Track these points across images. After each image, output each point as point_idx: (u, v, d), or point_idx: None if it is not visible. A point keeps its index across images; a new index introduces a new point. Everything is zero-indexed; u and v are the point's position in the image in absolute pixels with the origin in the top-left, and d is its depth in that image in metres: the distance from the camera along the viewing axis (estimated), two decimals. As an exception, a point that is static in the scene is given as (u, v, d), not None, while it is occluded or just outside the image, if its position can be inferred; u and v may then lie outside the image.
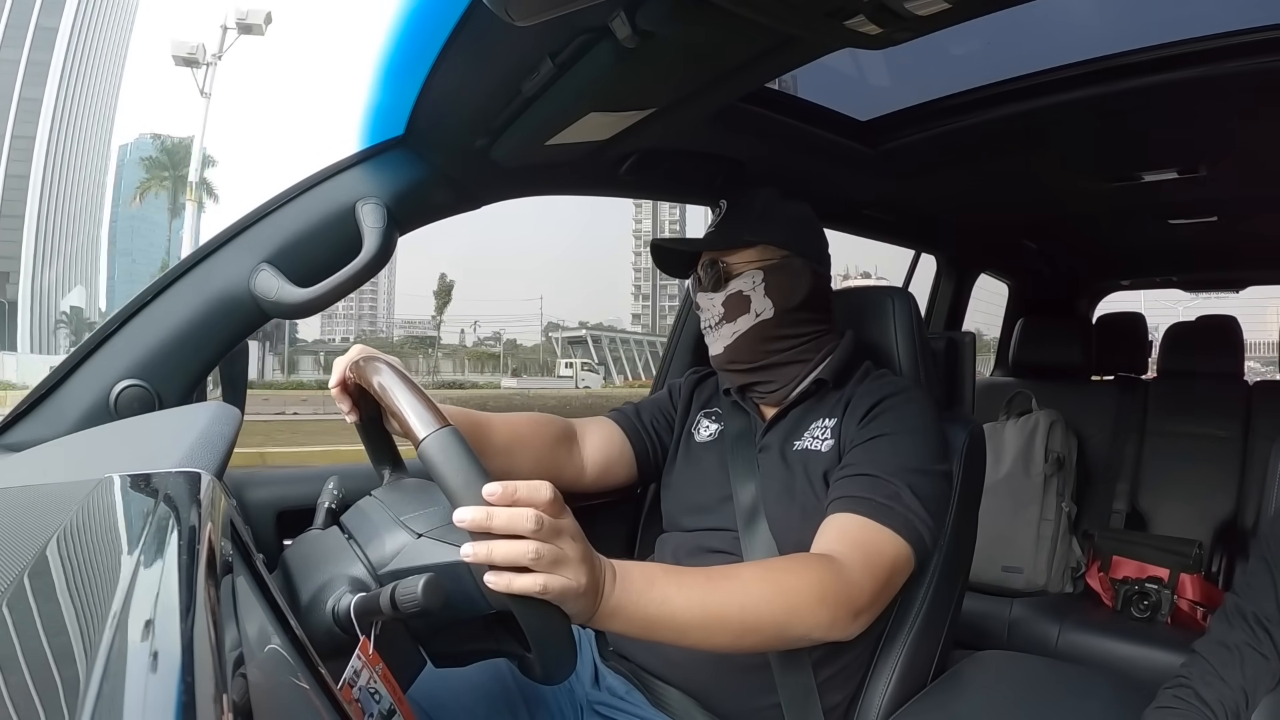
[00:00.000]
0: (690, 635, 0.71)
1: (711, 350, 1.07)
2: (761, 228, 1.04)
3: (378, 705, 0.60)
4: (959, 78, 1.23)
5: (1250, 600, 0.85)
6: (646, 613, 0.68)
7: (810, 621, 0.76)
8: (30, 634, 0.31)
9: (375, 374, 0.69)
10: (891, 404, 0.97)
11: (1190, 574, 1.82)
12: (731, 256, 1.03)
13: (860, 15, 0.66)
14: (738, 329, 1.03)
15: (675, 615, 0.69)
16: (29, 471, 0.73)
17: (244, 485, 1.05)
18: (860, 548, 0.83)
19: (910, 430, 0.94)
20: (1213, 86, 1.07)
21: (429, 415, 0.62)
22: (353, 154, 0.97)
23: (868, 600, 0.81)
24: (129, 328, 0.88)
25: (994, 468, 2.05)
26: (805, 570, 0.79)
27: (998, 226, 2.03)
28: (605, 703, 0.97)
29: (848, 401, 1.00)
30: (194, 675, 0.28)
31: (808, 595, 0.76)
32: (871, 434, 0.94)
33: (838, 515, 0.87)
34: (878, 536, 0.85)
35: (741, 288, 1.02)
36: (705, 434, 1.12)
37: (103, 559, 0.43)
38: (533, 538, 0.58)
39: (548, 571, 0.59)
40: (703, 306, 1.06)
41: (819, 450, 0.98)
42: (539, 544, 0.58)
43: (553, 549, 0.59)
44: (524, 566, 0.58)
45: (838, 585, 0.78)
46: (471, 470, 0.59)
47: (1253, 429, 2.09)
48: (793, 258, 1.04)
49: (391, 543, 0.67)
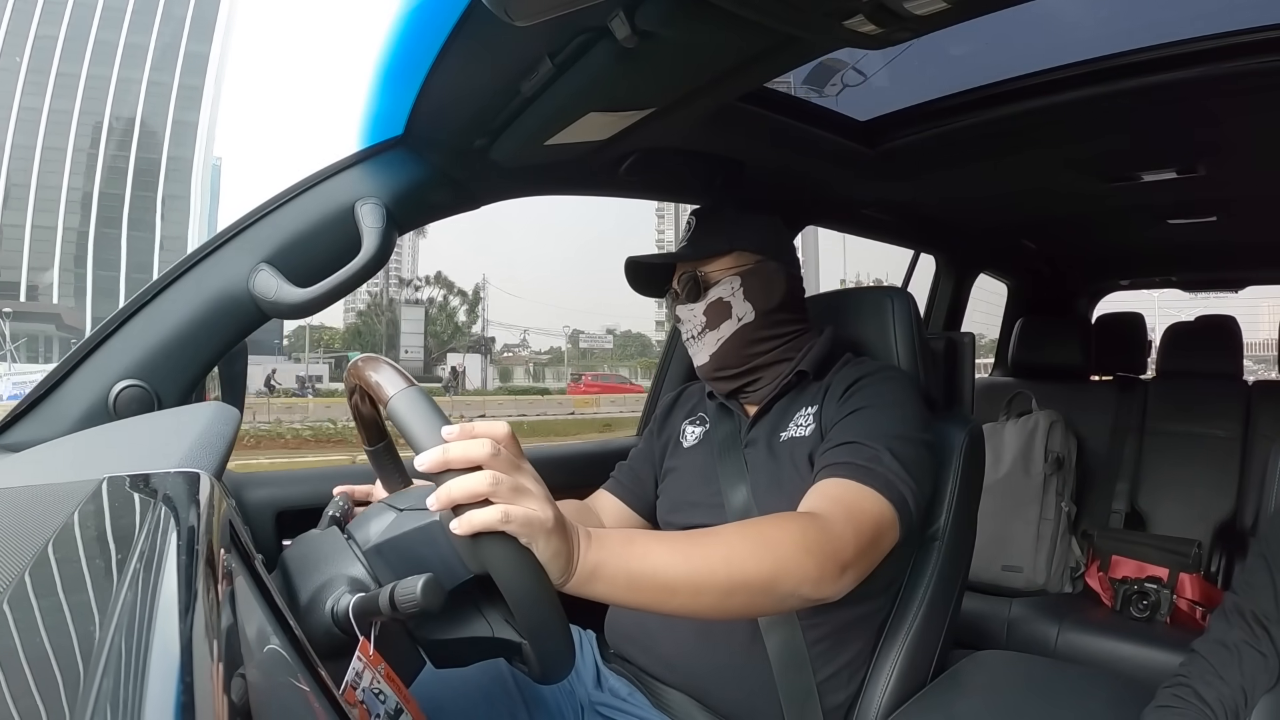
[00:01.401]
0: (677, 595, 0.67)
1: (697, 361, 1.08)
2: (734, 233, 1.06)
3: (383, 705, 0.60)
4: (958, 78, 1.23)
5: (1249, 599, 0.85)
6: (630, 568, 0.65)
7: (798, 575, 0.73)
8: (30, 634, 0.31)
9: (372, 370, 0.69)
10: (869, 381, 0.98)
11: (1189, 573, 1.82)
12: (708, 266, 1.06)
13: (859, 15, 0.67)
14: (721, 335, 1.04)
15: (658, 571, 0.66)
16: (28, 471, 0.72)
17: (243, 485, 1.05)
18: (841, 503, 0.82)
19: (889, 404, 0.94)
20: (1212, 86, 1.07)
21: (397, 377, 0.63)
22: (352, 154, 0.97)
23: (853, 554, 0.78)
24: (128, 328, 0.88)
25: (994, 468, 2.06)
26: (788, 523, 0.77)
27: (997, 226, 2.03)
28: (607, 703, 0.97)
29: (828, 388, 1.02)
30: (193, 675, 0.28)
31: (792, 547, 0.73)
32: (850, 409, 0.95)
33: (820, 483, 0.86)
34: (859, 494, 0.83)
35: (721, 294, 1.04)
36: (692, 439, 1.13)
37: (102, 559, 0.43)
38: (489, 466, 0.57)
39: (508, 501, 0.57)
40: (684, 319, 1.07)
41: (803, 436, 1.00)
42: (496, 473, 0.57)
43: (511, 480, 0.58)
44: (485, 501, 0.57)
45: (821, 538, 0.76)
46: (433, 418, 0.59)
47: (1252, 428, 2.09)
48: (766, 261, 1.06)
49: (378, 524, 0.68)
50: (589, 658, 1.03)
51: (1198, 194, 1.61)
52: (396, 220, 0.97)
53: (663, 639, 0.98)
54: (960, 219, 1.92)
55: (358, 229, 0.93)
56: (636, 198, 1.36)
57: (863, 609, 0.97)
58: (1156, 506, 2.14)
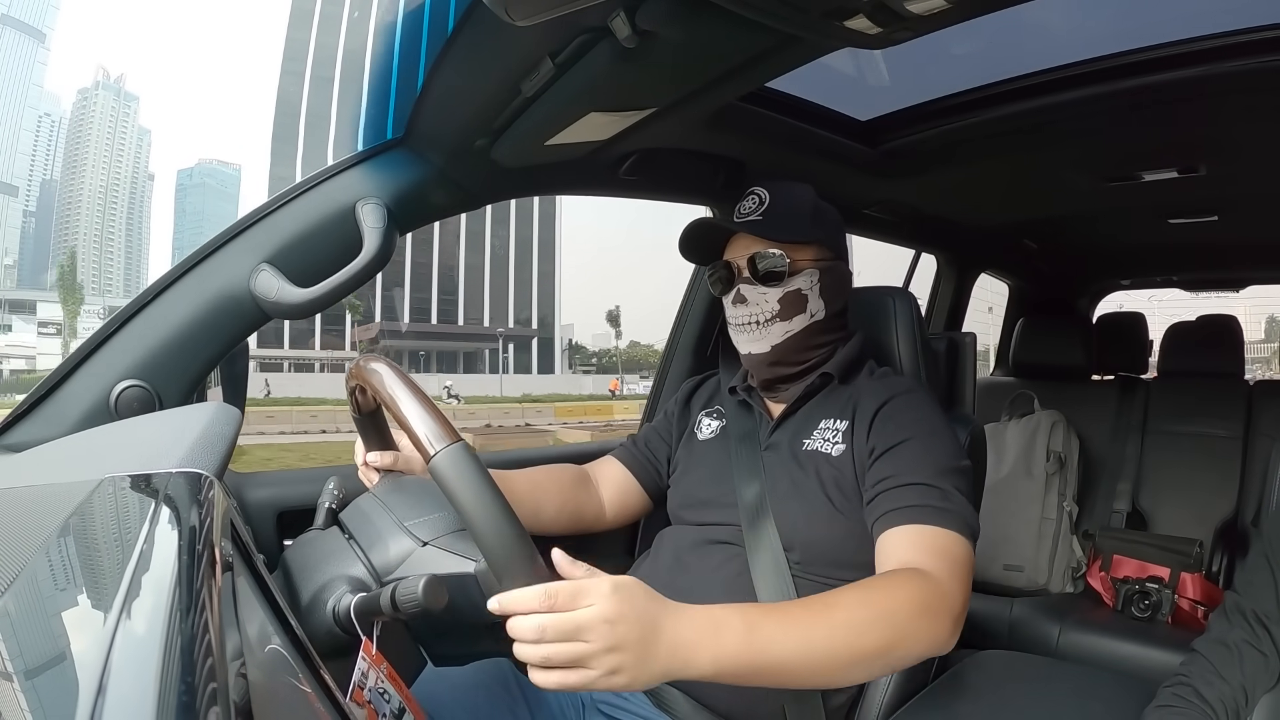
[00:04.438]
0: (797, 677, 0.69)
1: (752, 348, 1.02)
2: (820, 223, 1.01)
3: (388, 705, 0.60)
4: (959, 77, 1.23)
5: (1250, 598, 0.85)
6: (755, 664, 0.66)
7: (917, 639, 0.74)
8: (31, 633, 0.31)
9: (380, 382, 0.69)
10: (902, 404, 0.96)
11: (1191, 573, 1.82)
12: (795, 252, 0.99)
13: (860, 15, 0.67)
14: (790, 328, 1.00)
15: (783, 662, 0.67)
16: (29, 472, 0.72)
17: (244, 486, 1.05)
18: (939, 555, 0.81)
19: (932, 432, 0.93)
20: (1212, 86, 1.07)
21: (440, 429, 0.61)
22: (353, 154, 0.97)
23: (962, 604, 0.79)
24: (129, 328, 0.88)
25: (996, 468, 2.05)
26: (905, 587, 0.77)
27: (998, 226, 2.03)
28: (608, 701, 0.97)
29: (855, 404, 0.99)
30: (194, 675, 0.28)
31: (912, 612, 0.74)
32: (895, 440, 0.92)
33: (900, 529, 0.85)
34: (947, 540, 0.83)
35: (801, 285, 0.99)
36: (708, 432, 1.12)
37: (103, 559, 0.43)
38: (586, 636, 0.59)
39: (603, 672, 0.59)
40: (750, 300, 1.00)
41: (829, 453, 0.98)
42: (593, 646, 0.59)
43: (607, 642, 0.60)
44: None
45: (936, 596, 0.76)
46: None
47: (1253, 428, 2.09)
48: (839, 261, 1.03)
49: (396, 548, 0.67)
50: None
51: (1198, 193, 1.61)
52: (398, 220, 0.97)
53: None
54: (961, 219, 1.92)
55: (359, 229, 0.93)
56: (637, 198, 1.35)
57: None
58: (1158, 506, 2.14)
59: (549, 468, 1.09)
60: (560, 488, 1.07)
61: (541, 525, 1.02)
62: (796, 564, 0.94)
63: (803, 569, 0.94)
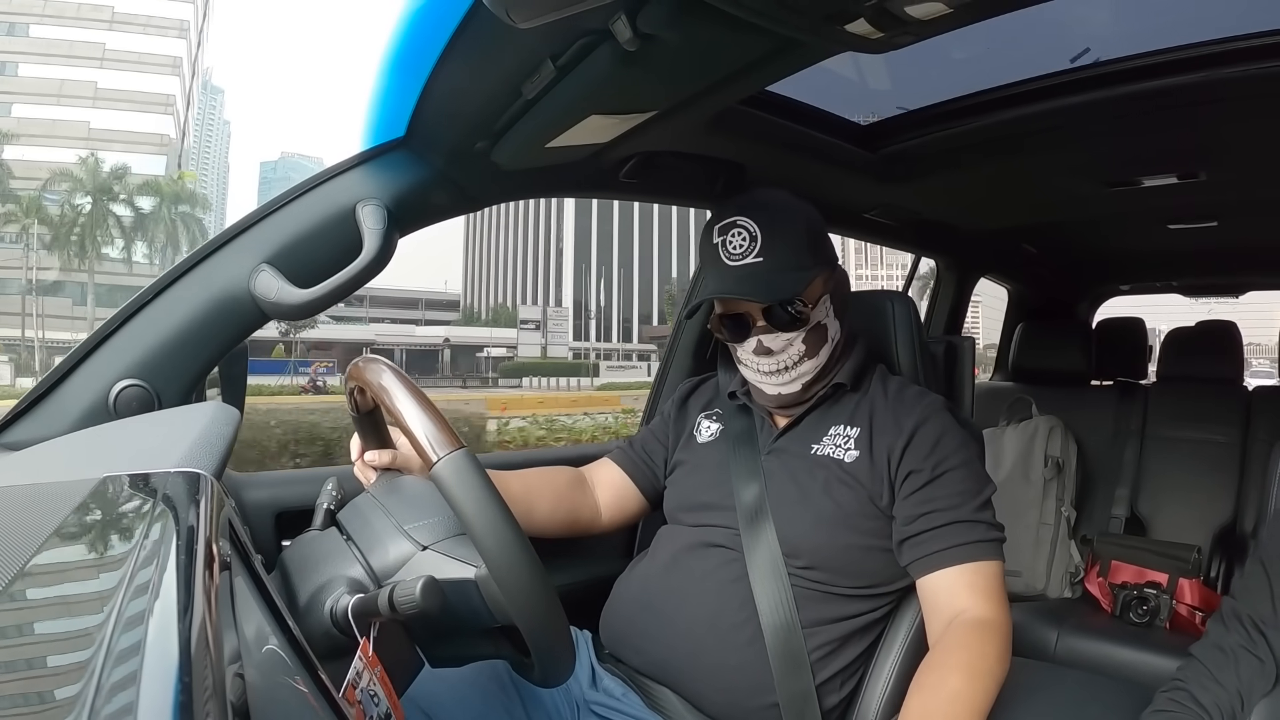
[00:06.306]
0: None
1: (780, 390, 0.99)
2: (816, 249, 0.98)
3: (377, 708, 0.60)
4: (959, 82, 1.23)
5: (1246, 603, 0.86)
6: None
7: (1000, 681, 0.85)
8: (29, 633, 0.31)
9: (381, 387, 0.69)
10: (938, 428, 0.96)
11: (1189, 579, 1.82)
12: (807, 290, 0.95)
13: (861, 19, 0.67)
14: (820, 361, 0.99)
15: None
16: (28, 470, 0.72)
17: (243, 486, 1.05)
18: (988, 594, 0.90)
19: (966, 460, 0.96)
20: (1213, 91, 1.07)
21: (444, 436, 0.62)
22: (353, 155, 0.97)
23: (1011, 625, 0.91)
24: (129, 327, 0.88)
25: (993, 472, 2.03)
26: (988, 645, 0.86)
27: (998, 231, 2.03)
28: (602, 703, 0.97)
29: (871, 412, 0.99)
30: (192, 675, 0.28)
31: (1000, 665, 0.85)
32: (937, 471, 0.94)
33: (951, 570, 0.91)
34: (990, 571, 0.92)
35: (819, 318, 0.98)
36: (707, 434, 1.11)
37: (101, 559, 0.43)
38: None
39: None
40: (774, 351, 0.96)
41: (842, 460, 0.97)
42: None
43: None
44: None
45: (1003, 640, 0.87)
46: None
47: (1251, 434, 2.09)
48: (836, 268, 1.02)
49: (395, 551, 0.67)
50: (584, 657, 1.02)
51: (1198, 199, 1.61)
52: (398, 221, 0.97)
53: (657, 641, 0.98)
54: (961, 223, 1.92)
55: (359, 230, 0.93)
56: (637, 200, 1.36)
57: (865, 614, 0.97)
58: (1156, 512, 2.14)
59: (544, 469, 1.09)
60: (554, 489, 1.07)
61: (533, 527, 1.02)
62: (796, 569, 0.94)
63: (802, 574, 0.94)
